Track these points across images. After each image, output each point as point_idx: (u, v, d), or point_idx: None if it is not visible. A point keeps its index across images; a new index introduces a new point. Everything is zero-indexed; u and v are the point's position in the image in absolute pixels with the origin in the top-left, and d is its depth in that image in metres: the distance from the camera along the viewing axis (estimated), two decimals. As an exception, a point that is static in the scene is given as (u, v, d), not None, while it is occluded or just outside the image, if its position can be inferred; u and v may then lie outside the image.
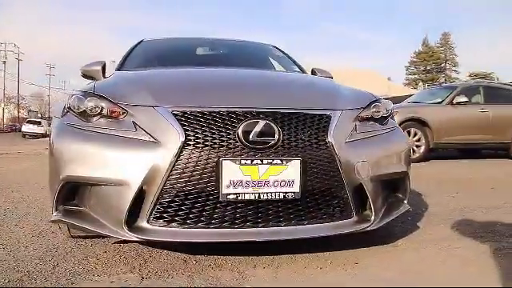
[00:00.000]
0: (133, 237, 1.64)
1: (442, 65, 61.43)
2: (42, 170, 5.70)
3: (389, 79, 50.76)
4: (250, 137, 1.65)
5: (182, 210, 1.65)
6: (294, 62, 3.50)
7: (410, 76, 62.32)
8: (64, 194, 1.80)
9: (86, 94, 1.90)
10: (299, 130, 1.73)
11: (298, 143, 1.71)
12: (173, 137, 1.63)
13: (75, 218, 1.77)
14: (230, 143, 1.65)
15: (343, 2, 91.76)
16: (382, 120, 2.11)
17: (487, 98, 7.33)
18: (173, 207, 1.65)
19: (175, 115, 1.68)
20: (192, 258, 1.89)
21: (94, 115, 1.84)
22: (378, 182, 1.90)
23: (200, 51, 3.48)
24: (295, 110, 1.78)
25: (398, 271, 1.76)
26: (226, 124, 1.67)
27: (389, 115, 2.16)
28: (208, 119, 1.68)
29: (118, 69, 2.97)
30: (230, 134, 1.66)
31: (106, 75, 2.84)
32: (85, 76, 3.15)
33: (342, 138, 1.81)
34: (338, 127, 1.82)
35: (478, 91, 7.48)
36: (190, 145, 1.62)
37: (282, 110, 1.76)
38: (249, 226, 1.68)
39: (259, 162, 1.64)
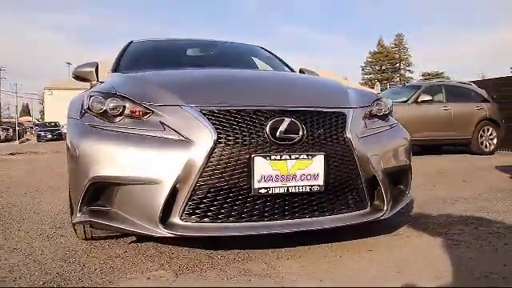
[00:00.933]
0: (167, 233, 1.68)
1: (397, 65, 63.78)
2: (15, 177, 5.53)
3: (345, 79, 52.23)
4: (277, 134, 1.74)
5: (214, 205, 1.72)
6: (283, 62, 3.62)
7: (365, 76, 64.26)
8: (89, 195, 1.80)
9: (107, 94, 1.91)
10: (320, 127, 1.85)
11: (320, 139, 1.82)
12: (205, 135, 1.69)
13: (103, 218, 1.79)
14: (260, 140, 1.73)
15: (299, 3, 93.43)
16: (384, 117, 2.27)
17: (449, 97, 7.80)
18: (205, 203, 1.71)
19: (204, 114, 1.74)
20: (215, 253, 1.96)
21: (116, 115, 1.86)
22: (387, 175, 2.04)
23: (192, 52, 3.52)
24: (315, 108, 1.90)
25: (408, 254, 1.91)
26: (255, 122, 1.75)
27: (389, 112, 2.32)
28: (237, 117, 1.75)
29: (114, 70, 2.96)
30: (258, 131, 1.74)
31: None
32: (77, 78, 3.12)
33: (357, 133, 1.94)
34: (353, 124, 1.94)
35: (440, 90, 7.94)
36: (221, 142, 1.69)
37: (304, 109, 1.86)
38: (277, 219, 1.77)
39: (287, 157, 1.74)
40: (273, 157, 1.72)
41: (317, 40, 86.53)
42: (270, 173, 1.72)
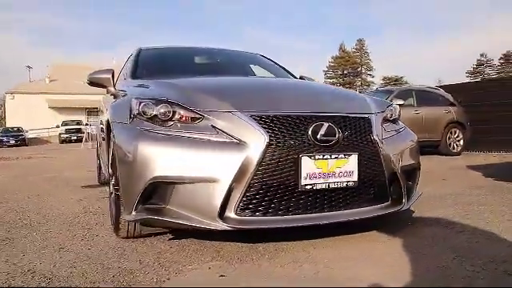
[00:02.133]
0: (225, 227, 1.85)
1: (358, 69, 65.69)
2: None
3: (310, 83, 53.30)
4: (318, 136, 1.97)
5: (265, 200, 1.91)
6: (286, 69, 3.86)
7: (328, 80, 65.73)
8: (146, 194, 1.95)
9: (158, 100, 2.06)
10: (352, 130, 2.09)
11: (352, 141, 2.07)
12: (257, 138, 1.88)
13: (159, 215, 1.94)
14: (305, 142, 1.95)
15: (263, 7, 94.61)
16: (395, 121, 2.55)
17: (419, 101, 8.33)
18: (257, 199, 1.90)
19: (255, 119, 1.94)
20: (255, 246, 2.14)
21: (166, 120, 2.01)
22: (404, 172, 2.31)
23: (201, 60, 3.69)
24: (346, 113, 2.14)
25: (421, 238, 2.19)
26: (299, 126, 1.97)
27: (398, 117, 2.60)
28: (283, 122, 1.96)
29: (134, 77, 3.07)
30: (303, 134, 1.96)
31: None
32: (92, 84, 3.22)
33: (380, 136, 2.20)
34: (376, 127, 2.20)
35: (411, 94, 8.46)
36: (272, 144, 1.89)
37: (337, 114, 2.10)
38: (319, 211, 2.00)
39: (328, 156, 1.97)
40: (317, 156, 1.94)
41: (278, 44, 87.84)
42: (314, 171, 1.94)
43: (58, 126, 28.45)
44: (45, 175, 6.15)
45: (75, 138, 25.34)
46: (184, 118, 2.02)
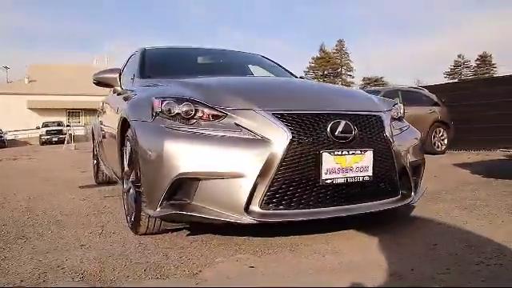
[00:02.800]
0: (251, 220, 1.93)
1: (339, 70, 66.44)
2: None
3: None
4: (336, 133, 2.07)
5: (288, 195, 2.00)
6: (287, 70, 3.96)
7: (309, 80, 66.13)
8: (171, 191, 2.01)
9: (179, 99, 2.12)
10: (366, 127, 2.19)
11: (367, 137, 2.17)
12: (280, 135, 1.97)
13: (185, 210, 1.99)
14: (324, 139, 2.04)
15: (245, 8, 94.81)
16: (400, 119, 2.67)
17: (405, 101, 8.53)
18: (280, 193, 1.99)
19: (277, 117, 2.02)
20: (273, 240, 2.22)
21: (189, 118, 2.07)
22: (411, 167, 2.44)
23: (205, 60, 3.76)
24: (361, 111, 2.25)
25: (430, 229, 2.31)
26: (319, 124, 2.06)
27: (402, 115, 2.73)
28: (304, 120, 2.04)
29: (142, 76, 3.11)
30: (322, 131, 2.05)
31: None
32: (98, 83, 3.25)
33: (390, 133, 2.31)
34: (387, 125, 2.32)
35: (397, 94, 8.68)
36: (295, 141, 1.98)
37: (352, 112, 2.20)
38: (338, 205, 2.09)
39: (346, 152, 2.07)
40: (336, 152, 2.04)
41: (257, 44, 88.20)
42: (334, 166, 2.04)
43: (38, 128, 27.77)
44: (38, 176, 6.08)
45: (56, 139, 24.78)
46: (207, 116, 2.08)
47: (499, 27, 71.25)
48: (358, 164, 2.10)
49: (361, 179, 2.12)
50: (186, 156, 1.97)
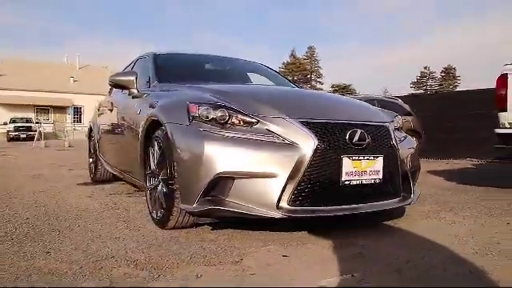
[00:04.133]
0: (282, 215, 2.17)
1: (308, 76, 67.58)
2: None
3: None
4: (354, 140, 2.35)
5: (312, 193, 2.26)
6: (287, 78, 4.25)
7: (279, 86, 66.78)
8: (208, 188, 2.22)
9: (215, 105, 2.34)
10: (377, 136, 2.49)
11: (378, 145, 2.47)
12: (308, 141, 2.23)
13: (221, 206, 2.22)
14: (344, 145, 2.32)
15: (215, 9, 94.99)
16: (400, 129, 3.00)
17: (381, 110, 9.05)
18: (306, 192, 2.24)
19: (304, 124, 2.28)
20: (293, 234, 2.48)
21: (223, 123, 2.30)
22: (411, 172, 2.76)
23: (213, 66, 3.99)
24: (372, 122, 2.55)
25: (425, 226, 2.64)
26: (339, 132, 2.34)
27: (401, 126, 3.06)
28: (327, 127, 2.32)
29: (160, 81, 3.29)
30: (343, 138, 2.33)
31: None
32: (115, 86, 3.42)
33: (396, 141, 2.62)
34: (393, 134, 2.63)
35: (374, 104, 9.13)
36: (319, 147, 2.24)
37: (365, 122, 2.50)
38: (353, 203, 2.38)
39: (362, 158, 2.35)
40: (353, 157, 2.32)
41: (228, 47, 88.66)
42: (352, 169, 2.32)
43: (5, 123, 26.70)
44: (25, 173, 6.05)
45: (24, 136, 23.97)
46: (239, 122, 2.31)
47: (463, 41, 74.96)
48: (371, 168, 2.40)
49: (373, 181, 2.42)
50: (223, 157, 2.19)
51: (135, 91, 3.37)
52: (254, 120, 2.31)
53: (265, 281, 1.71)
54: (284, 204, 2.21)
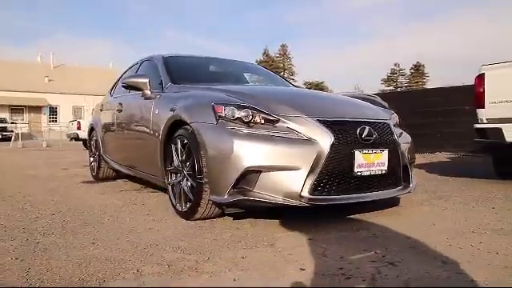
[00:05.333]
0: (304, 204, 2.44)
1: (281, 74, 68.11)
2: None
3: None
4: (363, 136, 2.64)
5: (329, 184, 2.53)
6: (284, 78, 4.52)
7: (253, 83, 66.97)
8: (237, 181, 2.46)
9: (240, 106, 2.58)
10: (381, 132, 2.80)
11: (382, 140, 2.77)
12: (325, 137, 2.50)
13: (249, 196, 2.46)
14: (355, 140, 2.61)
15: (187, 9, 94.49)
16: (397, 126, 3.32)
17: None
18: (323, 182, 2.52)
19: (321, 123, 2.55)
20: (308, 222, 2.76)
21: (247, 122, 2.55)
22: (409, 164, 3.09)
23: (217, 69, 4.22)
24: (376, 119, 2.85)
25: (422, 212, 2.98)
26: (351, 128, 2.63)
27: (398, 123, 3.38)
28: (341, 125, 2.60)
29: (174, 82, 3.50)
30: (354, 134, 2.62)
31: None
32: (129, 87, 3.61)
33: (397, 136, 2.94)
34: (394, 130, 2.94)
35: (355, 101, 9.57)
36: (335, 142, 2.52)
37: (371, 120, 2.80)
38: (363, 192, 2.67)
39: (371, 151, 2.65)
40: (364, 151, 2.62)
41: (202, 46, 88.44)
42: (362, 162, 2.61)
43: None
44: (21, 173, 6.09)
45: (0, 136, 23.29)
46: (262, 121, 2.56)
47: (430, 40, 77.40)
48: (378, 160, 2.70)
49: (379, 172, 2.72)
50: (251, 152, 2.43)
51: (149, 92, 3.55)
52: (275, 119, 2.57)
53: (301, 258, 1.97)
54: (305, 193, 2.48)
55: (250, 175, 2.47)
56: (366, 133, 2.66)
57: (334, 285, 1.64)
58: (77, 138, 16.53)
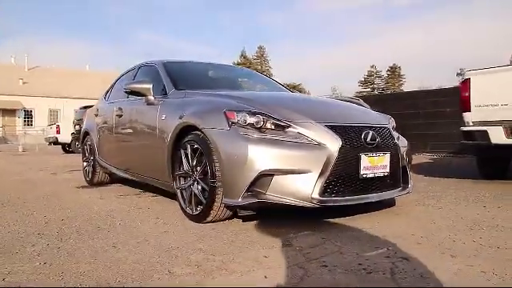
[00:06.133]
0: (315, 205, 2.56)
1: (260, 76, 68.09)
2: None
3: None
4: (367, 140, 2.80)
5: (337, 185, 2.67)
6: (281, 83, 4.66)
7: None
8: (252, 183, 2.57)
9: (251, 112, 2.69)
10: (383, 136, 2.96)
11: (384, 144, 2.94)
12: (333, 142, 2.64)
13: (263, 199, 2.57)
14: (361, 144, 2.76)
15: (163, 13, 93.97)
16: (394, 129, 3.50)
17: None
18: (333, 184, 2.65)
19: (329, 128, 2.69)
20: (317, 220, 2.89)
21: (259, 127, 2.66)
22: (407, 166, 3.27)
23: (217, 74, 4.31)
24: (378, 124, 3.02)
25: (418, 211, 3.16)
26: (356, 133, 2.78)
27: (395, 127, 3.56)
28: (347, 130, 2.75)
29: (177, 88, 3.58)
30: (359, 139, 2.77)
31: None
32: (132, 93, 3.68)
33: (396, 140, 3.11)
34: (393, 134, 3.12)
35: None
36: (343, 146, 2.66)
37: (373, 125, 2.96)
38: (368, 193, 2.82)
39: (374, 155, 2.81)
40: (369, 154, 2.77)
41: (181, 49, 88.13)
42: (367, 165, 2.76)
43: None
44: (10, 178, 6.00)
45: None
46: (273, 126, 2.68)
47: (406, 41, 79.35)
48: (381, 163, 2.86)
49: (382, 174, 2.88)
50: (265, 156, 2.54)
51: (152, 98, 3.62)
52: (285, 124, 2.69)
53: (321, 256, 2.10)
54: (316, 195, 2.60)
55: (263, 178, 2.58)
56: (370, 137, 2.82)
57: (361, 280, 1.77)
58: (56, 142, 16.22)
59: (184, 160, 3.04)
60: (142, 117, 3.79)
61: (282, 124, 2.69)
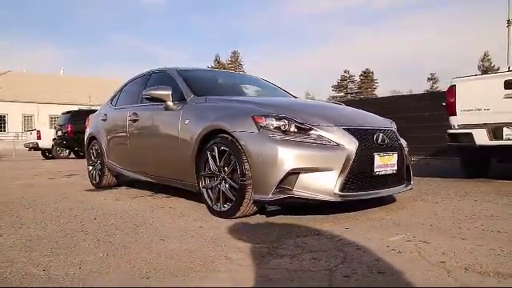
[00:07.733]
0: (337, 199, 2.88)
1: (235, 81, 68.38)
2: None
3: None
4: (379, 141, 3.15)
5: (354, 182, 3.00)
6: (285, 90, 4.98)
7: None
8: (281, 181, 2.86)
9: (278, 117, 2.98)
10: (390, 138, 3.32)
11: (393, 144, 3.30)
12: (351, 143, 2.96)
13: (291, 194, 2.86)
14: (374, 145, 3.10)
15: (135, 16, 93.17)
16: (396, 131, 3.87)
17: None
18: (351, 181, 2.97)
19: (347, 131, 3.02)
20: (333, 216, 3.20)
21: (284, 131, 2.95)
22: (410, 165, 3.64)
23: (227, 81, 4.59)
24: (385, 127, 3.37)
25: (418, 206, 3.53)
26: (370, 135, 3.12)
27: (396, 129, 3.93)
28: (362, 132, 3.08)
29: (196, 94, 3.83)
30: (372, 140, 3.11)
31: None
32: (152, 99, 3.91)
33: (401, 141, 3.47)
34: (398, 135, 3.48)
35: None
36: (359, 147, 2.99)
37: (382, 128, 3.32)
38: (379, 189, 3.16)
39: (385, 154, 3.16)
40: (381, 154, 3.12)
41: (155, 53, 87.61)
42: (379, 163, 3.11)
43: None
44: (14, 183, 6.05)
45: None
46: (296, 129, 2.98)
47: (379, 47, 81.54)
48: (390, 162, 3.21)
49: (391, 172, 3.23)
50: (293, 156, 2.84)
51: (171, 104, 3.85)
52: (308, 127, 2.99)
53: (352, 242, 2.40)
54: (337, 191, 2.92)
55: (290, 176, 2.87)
56: (381, 138, 3.17)
57: (396, 259, 2.09)
58: (36, 148, 15.98)
59: (211, 161, 3.30)
60: (162, 121, 4.01)
61: (305, 127, 2.99)
